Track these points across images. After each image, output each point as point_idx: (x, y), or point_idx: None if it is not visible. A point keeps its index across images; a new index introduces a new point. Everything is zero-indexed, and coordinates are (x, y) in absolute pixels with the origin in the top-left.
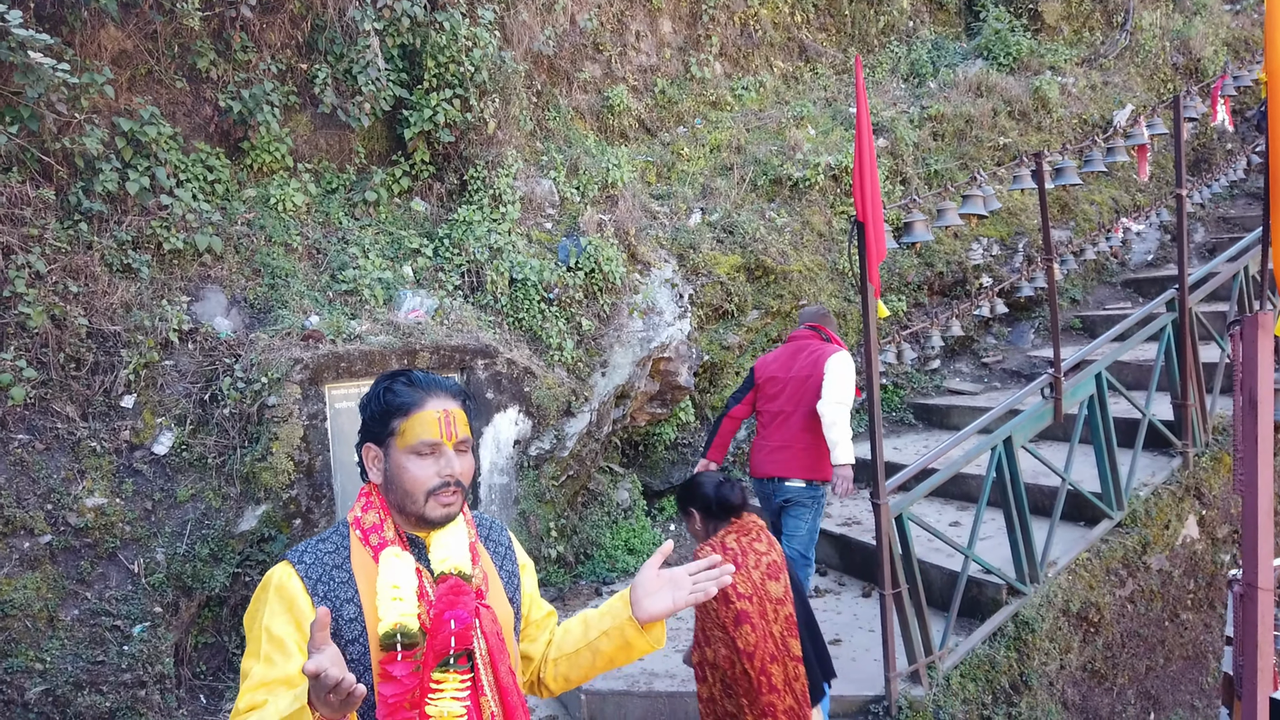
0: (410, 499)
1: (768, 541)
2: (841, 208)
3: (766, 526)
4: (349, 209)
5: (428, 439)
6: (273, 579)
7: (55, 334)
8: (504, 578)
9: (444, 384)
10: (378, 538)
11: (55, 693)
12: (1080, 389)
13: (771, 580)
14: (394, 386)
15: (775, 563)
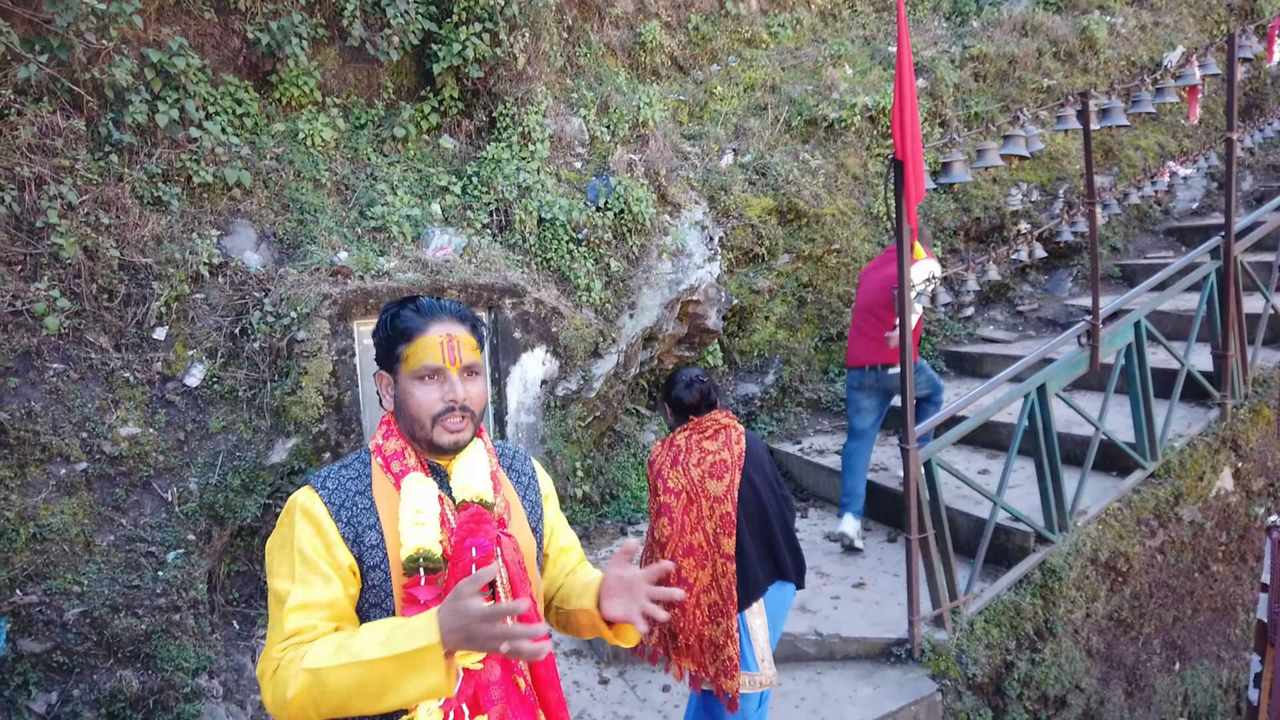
0: (418, 424)
1: (724, 441)
2: (878, 150)
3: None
4: (377, 145)
5: (430, 363)
6: (298, 502)
7: (88, 265)
8: (527, 507)
9: (449, 308)
10: (399, 465)
11: (93, 614)
12: (1118, 337)
13: (713, 479)
14: (400, 313)
15: (723, 462)
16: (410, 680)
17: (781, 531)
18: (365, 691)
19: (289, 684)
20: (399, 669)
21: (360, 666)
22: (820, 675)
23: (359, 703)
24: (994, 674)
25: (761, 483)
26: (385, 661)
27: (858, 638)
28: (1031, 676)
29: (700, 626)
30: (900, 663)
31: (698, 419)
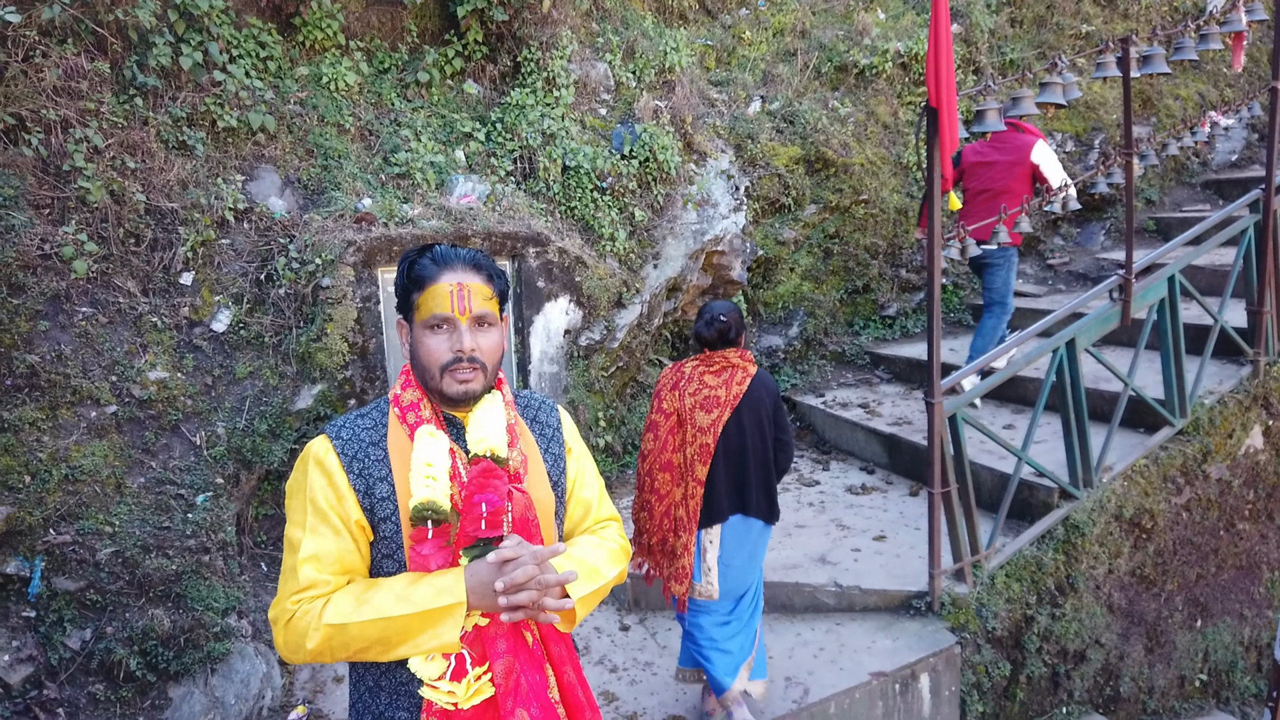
0: (428, 374)
1: (725, 379)
2: (909, 98)
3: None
4: (401, 90)
5: (439, 313)
6: (312, 451)
7: (114, 209)
8: (549, 460)
9: (463, 256)
10: (414, 416)
11: (124, 554)
12: (1150, 292)
13: (703, 410)
14: (416, 261)
15: (716, 398)
16: (427, 634)
17: (757, 472)
18: (385, 642)
19: (307, 635)
20: (420, 623)
21: (384, 622)
22: (839, 626)
23: (375, 651)
24: (1014, 628)
25: (750, 424)
26: (409, 617)
27: (877, 590)
28: (1051, 631)
29: (665, 533)
30: (920, 615)
31: (709, 354)
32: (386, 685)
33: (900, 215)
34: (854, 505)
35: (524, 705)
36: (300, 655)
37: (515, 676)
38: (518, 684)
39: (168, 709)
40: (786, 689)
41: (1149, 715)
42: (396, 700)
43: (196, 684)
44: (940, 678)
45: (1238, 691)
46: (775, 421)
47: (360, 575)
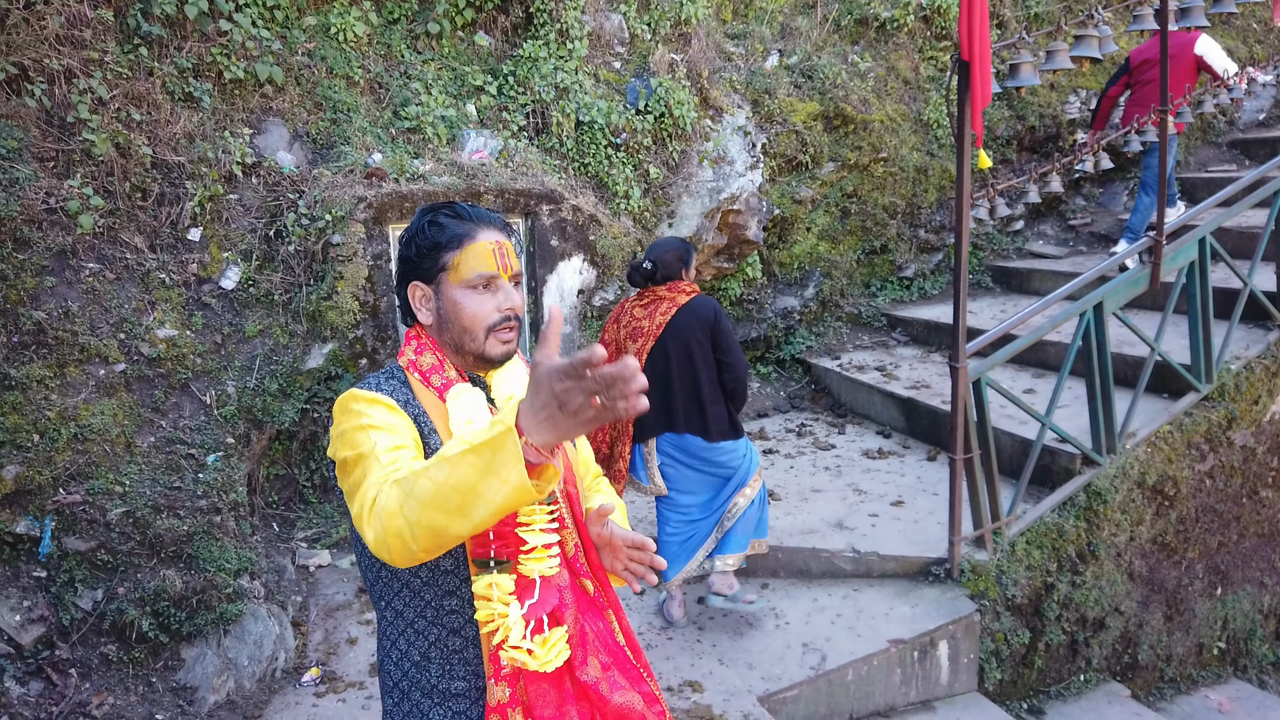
0: (470, 336)
1: (650, 311)
2: (930, 53)
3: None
4: (411, 41)
5: (484, 271)
6: (358, 395)
7: (120, 163)
8: None
9: (491, 217)
10: (440, 379)
11: (135, 514)
12: (1180, 255)
13: (631, 340)
14: (439, 219)
15: (641, 329)
16: (491, 480)
17: (683, 393)
18: (449, 500)
19: (386, 508)
20: (478, 466)
21: (443, 465)
22: (857, 592)
23: (444, 517)
24: (1033, 595)
25: (676, 351)
26: (464, 456)
27: (896, 556)
28: (1071, 598)
29: (600, 444)
30: (939, 582)
31: (650, 290)
32: (437, 656)
33: (920, 174)
34: (871, 470)
35: (594, 653)
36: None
37: (582, 627)
38: (584, 633)
39: (180, 670)
40: (804, 655)
41: (1166, 683)
42: (450, 669)
43: (209, 645)
44: (959, 645)
45: (1255, 659)
46: (715, 344)
47: None
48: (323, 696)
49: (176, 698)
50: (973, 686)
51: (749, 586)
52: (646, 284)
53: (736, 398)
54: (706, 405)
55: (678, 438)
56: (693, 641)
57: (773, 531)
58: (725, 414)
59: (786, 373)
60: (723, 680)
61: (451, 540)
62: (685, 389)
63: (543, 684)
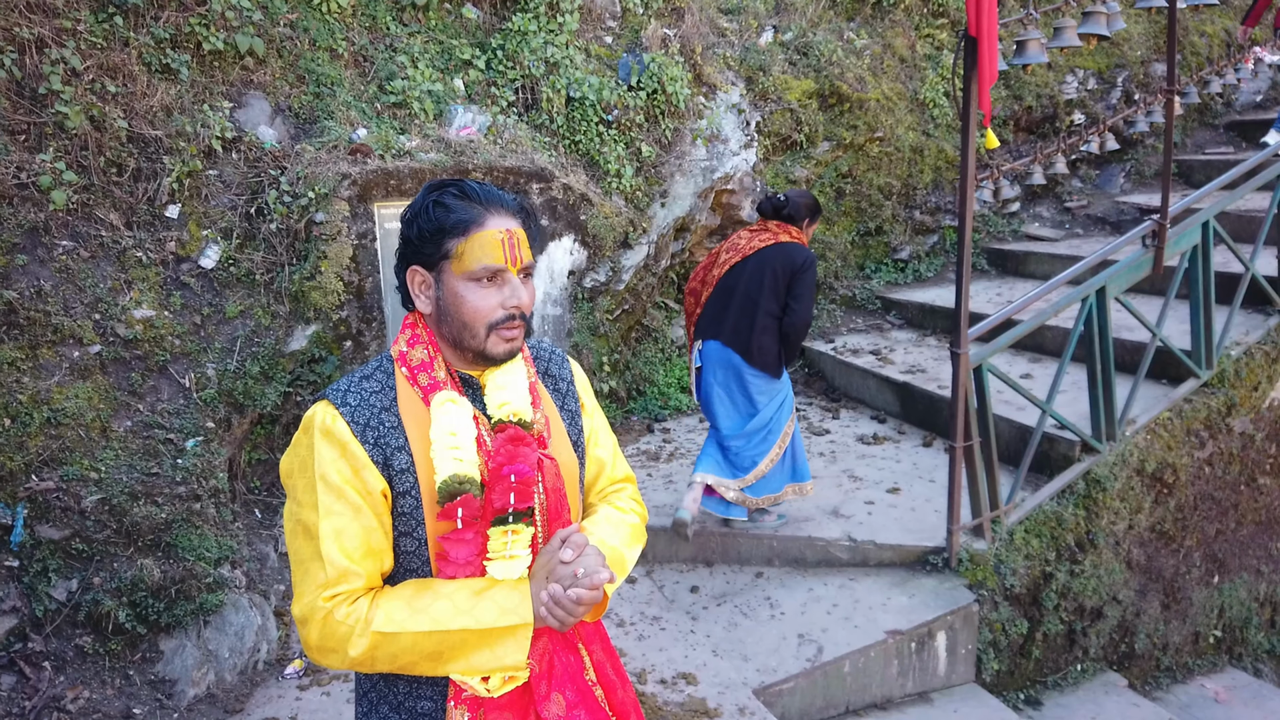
0: (470, 332)
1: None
2: (927, 30)
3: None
4: (396, 13)
5: (490, 264)
6: (316, 422)
7: (95, 136)
8: (566, 418)
9: (505, 199)
10: (427, 377)
11: (111, 502)
12: (1184, 239)
13: (726, 253)
14: (445, 199)
15: (739, 248)
16: (485, 653)
17: (740, 311)
18: (437, 658)
19: (350, 641)
20: (480, 641)
21: (441, 635)
22: (853, 582)
23: (423, 666)
24: (1032, 585)
25: (752, 274)
26: (469, 633)
27: (892, 545)
28: (1070, 588)
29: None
30: (937, 571)
31: (760, 223)
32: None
33: (916, 154)
34: (866, 456)
35: (559, 689)
36: (336, 659)
37: (549, 658)
38: (551, 665)
39: (159, 662)
40: (799, 646)
41: (1163, 672)
42: (417, 688)
43: (189, 636)
44: (957, 636)
45: (1251, 648)
46: (789, 289)
47: (387, 557)
48: (306, 689)
49: (155, 691)
50: (970, 677)
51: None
52: (773, 215)
53: (789, 342)
54: (755, 331)
55: (722, 349)
56: (686, 632)
57: (766, 519)
58: (773, 350)
59: None
60: (717, 672)
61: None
62: (741, 309)
63: (505, 713)
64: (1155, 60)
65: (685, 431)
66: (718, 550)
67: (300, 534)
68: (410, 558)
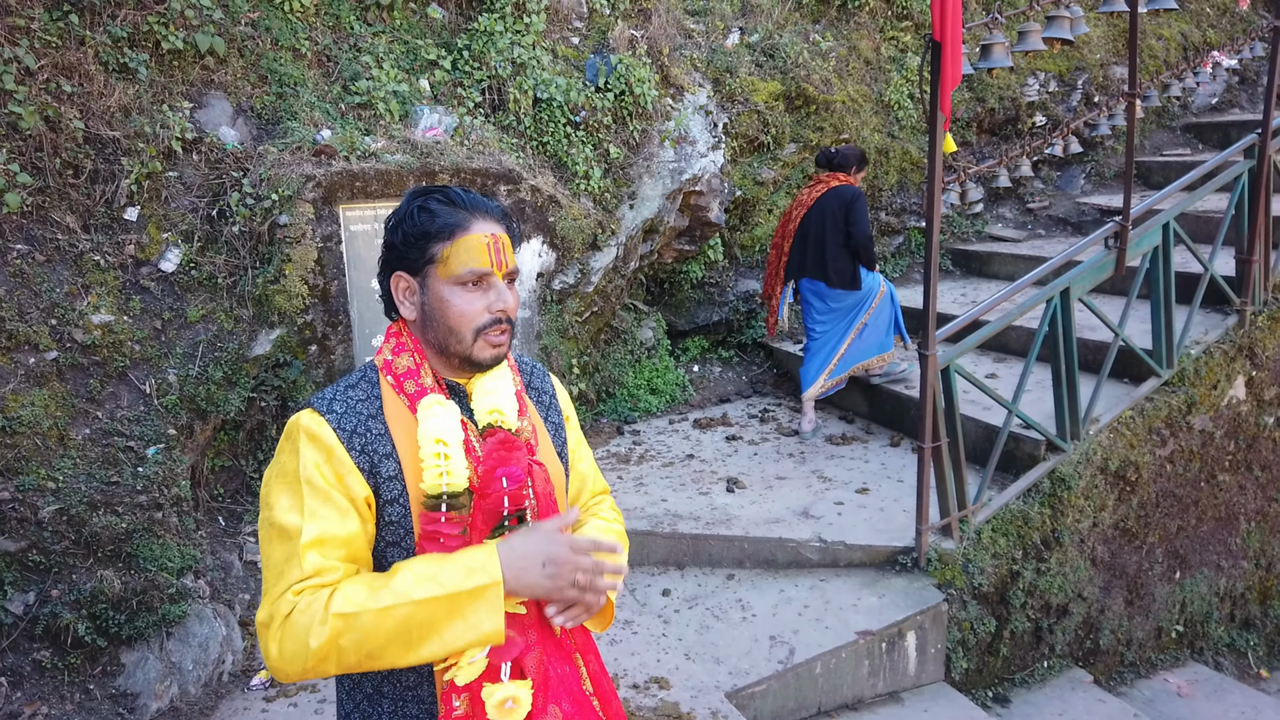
0: (455, 337)
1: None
2: (891, 33)
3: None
4: (360, 12)
5: (476, 268)
6: (301, 425)
7: (50, 137)
8: (550, 430)
9: (489, 205)
10: (414, 385)
11: (69, 512)
12: (1145, 240)
13: (796, 208)
14: (430, 205)
15: (803, 201)
16: (458, 624)
17: (814, 250)
18: (406, 637)
19: (311, 632)
20: (449, 610)
21: (407, 607)
22: (824, 582)
23: (393, 652)
24: (999, 583)
25: (816, 217)
26: (436, 601)
27: (862, 545)
28: (1036, 586)
29: (769, 285)
30: (906, 571)
31: (822, 175)
32: (389, 691)
33: (881, 155)
34: (835, 456)
35: (555, 700)
36: (299, 663)
37: (545, 669)
38: (548, 677)
39: (120, 676)
40: (771, 648)
41: (1127, 667)
42: (402, 708)
43: (151, 649)
44: (927, 635)
45: (1212, 642)
46: (846, 218)
47: (368, 567)
48: (273, 701)
49: (116, 705)
50: (940, 676)
51: (718, 574)
52: (826, 166)
53: (862, 254)
54: (829, 260)
55: (810, 282)
56: (658, 636)
57: (737, 521)
58: (848, 268)
59: (749, 357)
60: (690, 676)
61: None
62: (815, 246)
63: None
64: (1114, 63)
65: (655, 433)
66: (689, 553)
67: (276, 538)
68: None
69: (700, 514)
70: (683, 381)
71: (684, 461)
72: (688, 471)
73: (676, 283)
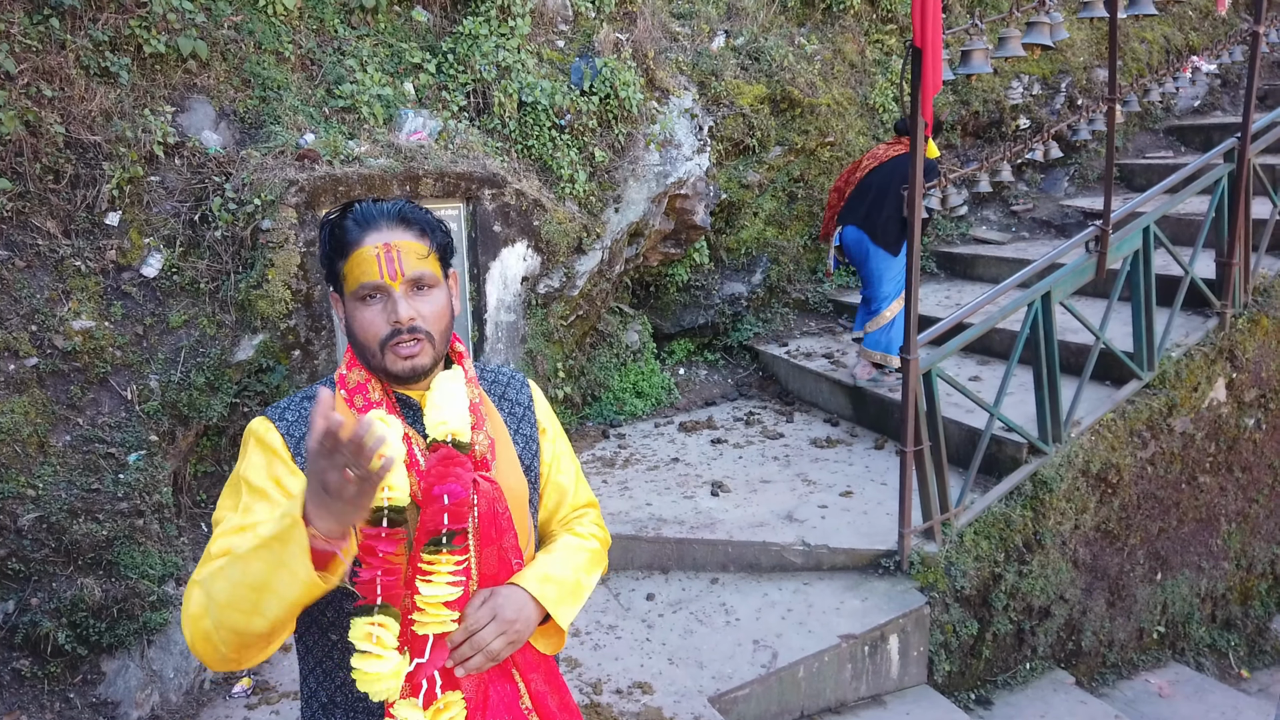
0: (368, 351)
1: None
2: (876, 36)
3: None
4: (344, 15)
5: (367, 281)
6: (252, 431)
7: (30, 142)
8: (519, 443)
9: (388, 211)
10: (363, 399)
11: (49, 520)
12: (1125, 244)
13: (866, 161)
14: (341, 222)
15: (877, 155)
16: (282, 574)
17: (872, 203)
18: (244, 599)
19: (191, 609)
20: (270, 561)
21: (236, 564)
22: (807, 586)
23: (242, 617)
24: (982, 586)
25: (882, 175)
26: (256, 552)
27: (846, 548)
28: (1018, 588)
29: (827, 227)
30: (889, 574)
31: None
32: (342, 701)
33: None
34: (819, 459)
35: (493, 718)
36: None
37: (484, 688)
38: (486, 696)
39: (101, 684)
40: (755, 653)
41: (1109, 668)
42: (354, 718)
43: (132, 657)
44: (909, 639)
45: (1193, 642)
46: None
47: None
48: (254, 708)
49: (97, 714)
50: (922, 679)
51: (702, 579)
52: (902, 132)
53: None
54: (882, 219)
55: (856, 231)
56: (642, 640)
57: (722, 525)
58: (894, 232)
59: (734, 360)
60: (673, 680)
61: (255, 640)
62: (874, 202)
63: None
64: (1098, 66)
65: (640, 437)
66: (673, 557)
67: (214, 536)
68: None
69: (685, 518)
70: (668, 385)
71: (669, 465)
72: (673, 475)
73: (662, 286)
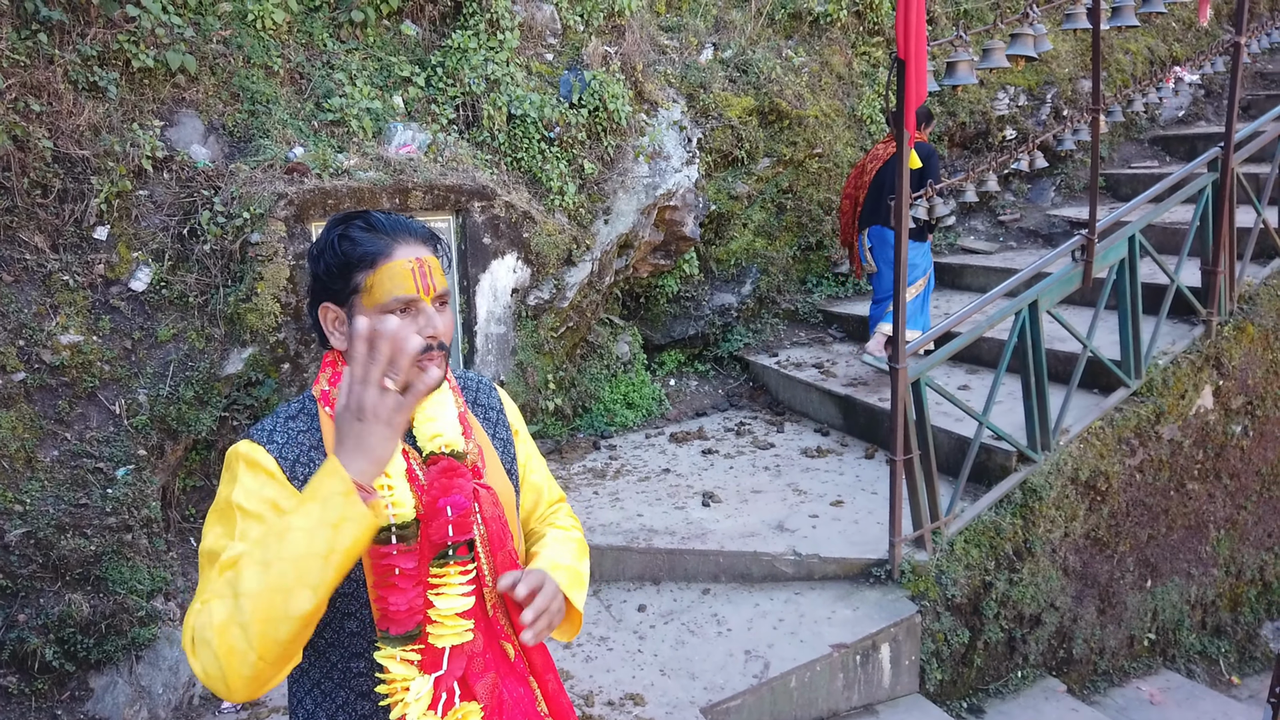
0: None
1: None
2: (863, 48)
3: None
4: (333, 30)
5: (401, 295)
6: (240, 454)
7: (18, 157)
8: (499, 447)
9: (412, 226)
10: None
11: (37, 535)
12: (1111, 253)
13: (869, 163)
14: (351, 232)
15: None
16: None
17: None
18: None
19: (214, 614)
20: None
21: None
22: (799, 596)
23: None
24: (972, 594)
25: (888, 175)
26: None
27: (837, 558)
28: (1009, 596)
29: (846, 234)
30: (880, 584)
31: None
32: (344, 719)
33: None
34: (810, 469)
35: None
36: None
37: (499, 694)
38: (501, 701)
39: (89, 700)
40: (746, 663)
41: (1100, 676)
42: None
43: (120, 673)
44: (901, 647)
45: (1184, 649)
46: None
47: None
48: None
49: None
50: (914, 688)
51: (693, 589)
52: None
53: None
54: None
55: (880, 229)
56: (634, 652)
57: (713, 536)
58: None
59: (724, 370)
60: (665, 692)
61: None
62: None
63: None
64: (1083, 77)
65: (631, 448)
66: (665, 568)
67: (205, 566)
68: (348, 600)
69: (676, 528)
70: (659, 395)
71: (660, 476)
72: (664, 486)
73: (652, 297)
